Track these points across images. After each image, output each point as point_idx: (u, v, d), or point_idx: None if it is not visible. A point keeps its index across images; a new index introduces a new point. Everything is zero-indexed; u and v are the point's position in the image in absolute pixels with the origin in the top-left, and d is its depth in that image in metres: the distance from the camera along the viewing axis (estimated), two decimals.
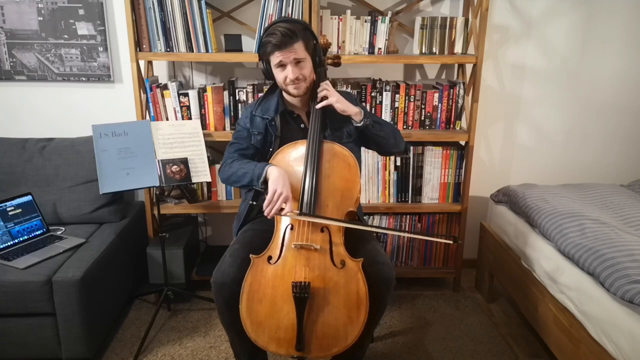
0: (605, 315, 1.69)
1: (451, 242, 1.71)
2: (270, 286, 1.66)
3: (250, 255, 1.70)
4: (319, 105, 1.82)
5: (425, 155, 2.62)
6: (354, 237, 1.81)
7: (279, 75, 1.83)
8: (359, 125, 1.86)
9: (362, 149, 2.09)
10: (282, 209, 1.70)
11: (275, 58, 1.80)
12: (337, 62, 2.00)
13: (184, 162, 2.33)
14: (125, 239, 2.46)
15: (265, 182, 1.77)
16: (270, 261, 1.69)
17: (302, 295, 1.60)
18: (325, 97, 1.82)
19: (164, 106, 2.49)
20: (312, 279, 1.64)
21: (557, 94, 2.84)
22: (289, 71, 1.79)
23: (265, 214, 1.70)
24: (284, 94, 1.94)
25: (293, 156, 1.83)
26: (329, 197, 1.77)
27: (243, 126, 1.99)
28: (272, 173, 1.75)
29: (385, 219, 2.69)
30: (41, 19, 2.58)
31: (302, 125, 1.95)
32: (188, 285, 2.58)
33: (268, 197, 1.69)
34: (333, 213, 1.75)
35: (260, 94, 2.46)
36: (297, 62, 1.80)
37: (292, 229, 1.74)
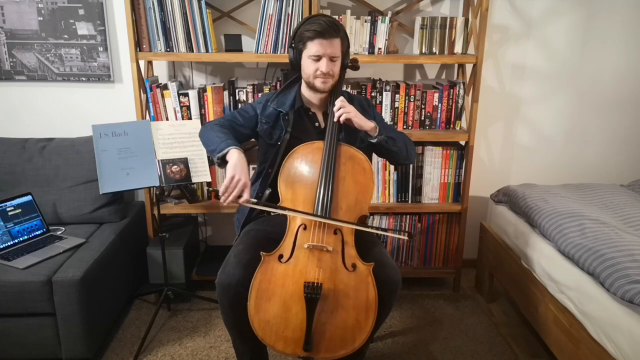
0: (605, 315, 1.69)
1: (406, 237, 1.71)
2: (280, 285, 1.65)
3: (261, 252, 1.69)
4: (340, 118, 1.79)
5: (425, 155, 2.62)
6: (360, 240, 1.81)
7: (310, 66, 1.82)
8: (373, 141, 1.86)
9: None
10: (240, 197, 1.68)
11: (312, 47, 1.78)
12: (356, 65, 1.99)
13: (184, 162, 2.33)
14: (125, 239, 2.46)
15: (224, 159, 1.75)
16: (281, 260, 1.69)
17: (314, 295, 1.60)
18: (344, 112, 1.80)
19: (164, 106, 2.49)
20: (324, 280, 1.63)
21: (557, 94, 2.84)
22: (323, 64, 1.79)
23: (222, 200, 1.68)
24: (303, 90, 1.94)
25: (309, 156, 1.82)
26: (343, 199, 1.77)
27: (253, 108, 1.99)
28: (232, 156, 1.72)
29: (385, 219, 2.69)
30: (41, 19, 2.58)
31: (316, 124, 1.95)
32: (188, 285, 2.58)
33: (225, 183, 1.66)
34: (345, 216, 1.75)
35: (261, 94, 2.48)
36: (332, 58, 1.80)
37: (305, 229, 1.73)
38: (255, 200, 1.73)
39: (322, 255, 1.68)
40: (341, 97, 1.84)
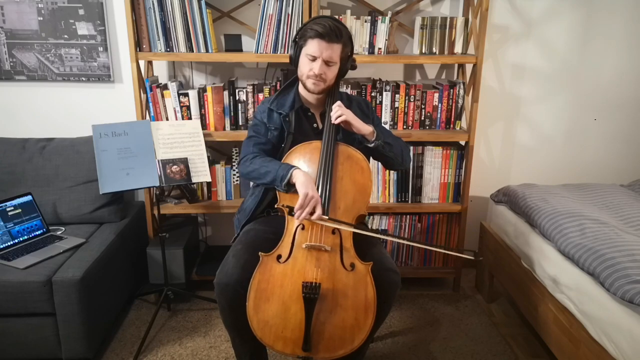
0: (605, 315, 1.69)
1: (472, 257, 1.69)
2: (279, 285, 1.66)
3: (260, 253, 1.69)
4: (336, 121, 1.79)
5: (425, 155, 2.62)
6: (359, 239, 1.81)
7: (305, 65, 1.82)
8: (370, 145, 1.85)
9: None
10: (312, 213, 1.69)
11: (311, 46, 1.78)
12: (354, 65, 1.97)
13: (184, 162, 2.33)
14: (125, 239, 2.46)
15: (289, 184, 1.76)
16: (280, 260, 1.69)
17: (312, 295, 1.60)
18: (340, 116, 1.80)
19: (164, 106, 2.49)
20: (322, 280, 1.64)
21: (557, 94, 2.84)
22: (316, 66, 1.79)
23: (296, 217, 1.70)
24: (301, 90, 1.94)
25: (307, 156, 1.83)
26: (341, 199, 1.77)
27: (260, 120, 1.97)
28: (299, 176, 1.74)
29: (385, 219, 2.69)
30: (41, 19, 2.58)
31: (314, 125, 1.95)
32: (188, 285, 2.58)
33: (300, 201, 1.68)
34: (343, 215, 1.76)
35: (260, 94, 2.49)
36: (328, 62, 1.79)
37: (303, 229, 1.73)
38: (327, 217, 1.73)
39: (321, 255, 1.68)
40: (339, 102, 1.83)
